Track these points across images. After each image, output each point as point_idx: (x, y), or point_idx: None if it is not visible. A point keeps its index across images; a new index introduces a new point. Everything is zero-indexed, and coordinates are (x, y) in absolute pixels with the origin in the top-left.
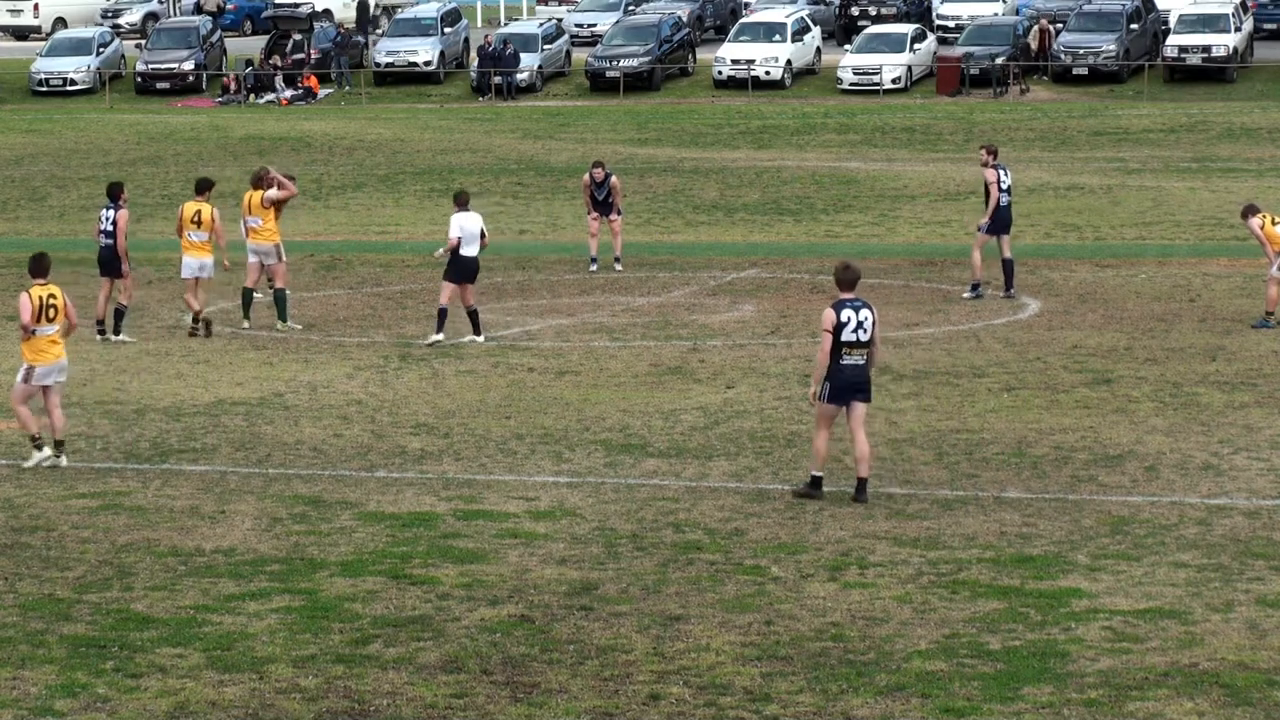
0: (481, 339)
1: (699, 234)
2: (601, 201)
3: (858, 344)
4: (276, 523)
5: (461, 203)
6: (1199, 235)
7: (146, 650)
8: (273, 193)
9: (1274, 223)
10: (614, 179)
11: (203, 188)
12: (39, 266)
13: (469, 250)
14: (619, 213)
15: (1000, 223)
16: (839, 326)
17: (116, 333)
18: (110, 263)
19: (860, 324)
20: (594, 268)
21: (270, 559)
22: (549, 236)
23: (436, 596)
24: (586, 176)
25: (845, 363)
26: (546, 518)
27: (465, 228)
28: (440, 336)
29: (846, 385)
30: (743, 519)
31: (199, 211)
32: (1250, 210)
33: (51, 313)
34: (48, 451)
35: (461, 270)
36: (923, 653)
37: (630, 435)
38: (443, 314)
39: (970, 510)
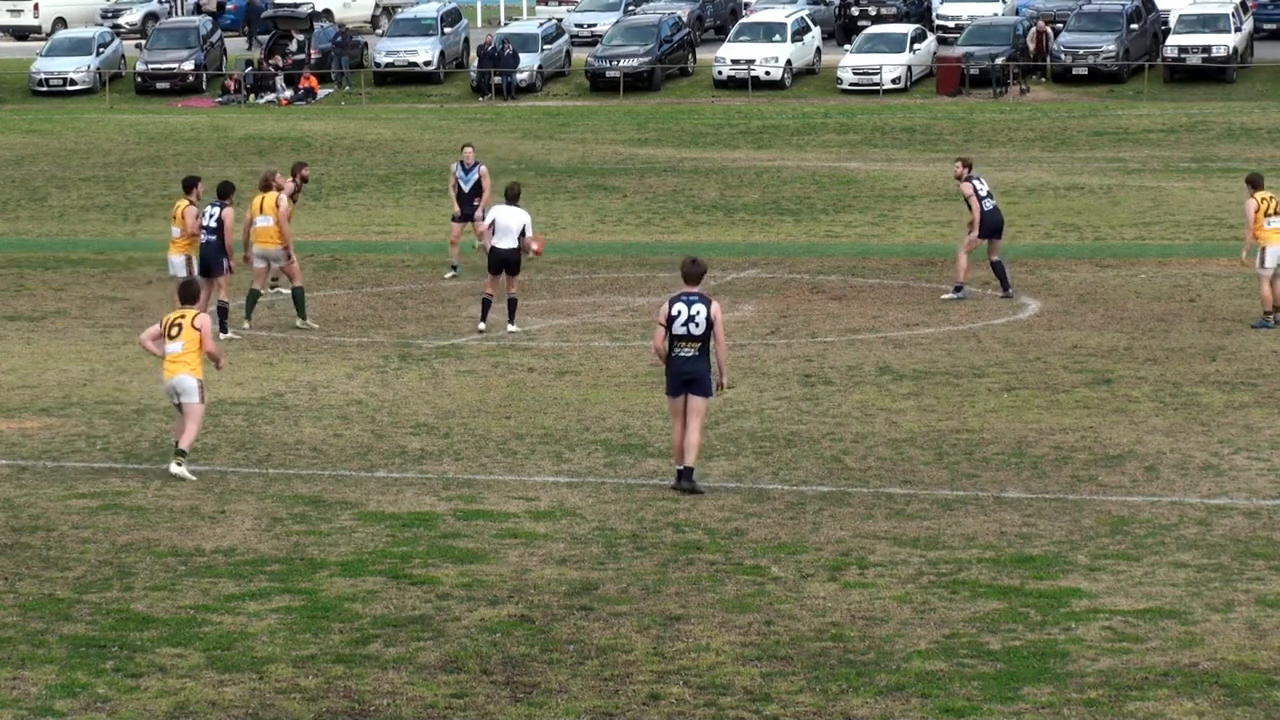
0: (513, 328)
1: (699, 234)
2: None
3: (689, 337)
4: (276, 523)
5: (509, 196)
6: (1199, 235)
7: (146, 650)
8: (284, 200)
9: (1267, 212)
10: (482, 168)
11: (189, 186)
12: (187, 293)
13: (501, 243)
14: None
15: (990, 228)
16: (671, 319)
17: (223, 330)
18: (211, 260)
19: (692, 318)
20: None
21: (270, 559)
22: (549, 236)
23: (436, 596)
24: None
25: (676, 355)
26: (546, 518)
27: (499, 220)
28: (482, 325)
29: (676, 377)
30: (743, 519)
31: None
32: (1253, 183)
33: (175, 330)
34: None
35: (492, 261)
36: (923, 653)
37: (630, 435)
38: (484, 302)
39: (970, 510)
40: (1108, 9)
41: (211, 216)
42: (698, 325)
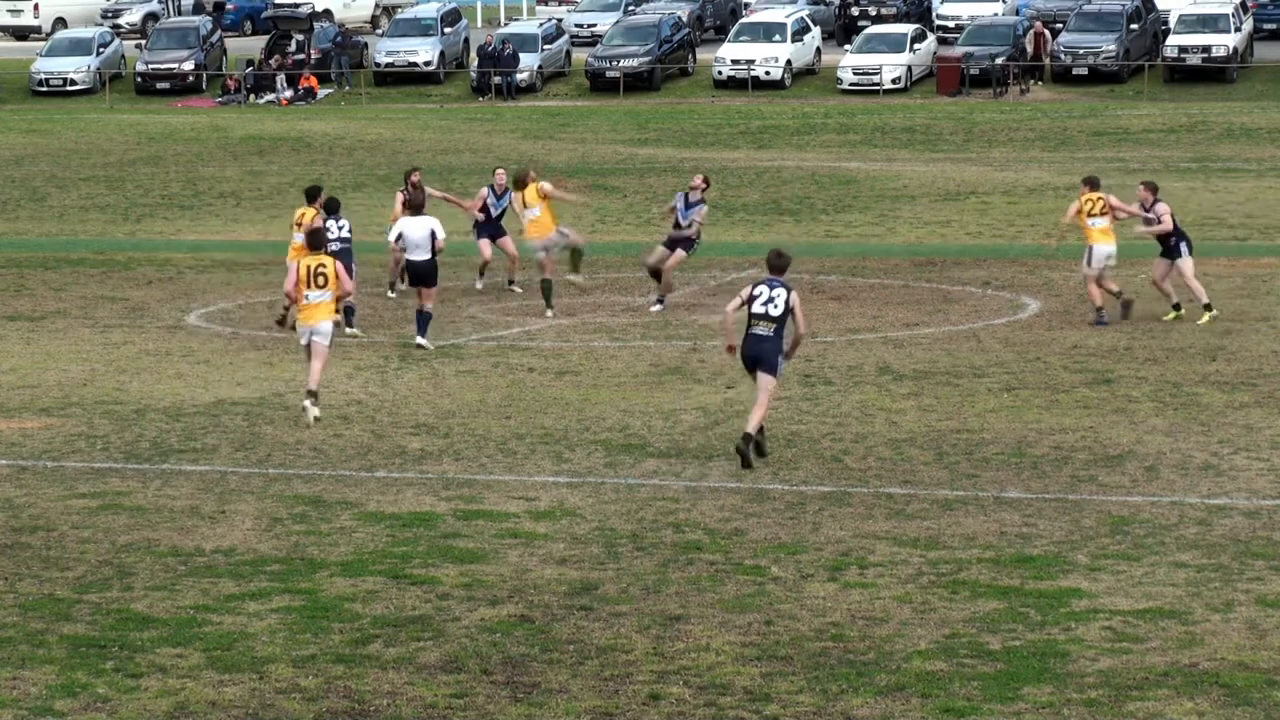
0: (422, 341)
1: None
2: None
3: (766, 317)
4: (276, 523)
5: (414, 207)
6: (1199, 235)
7: (146, 650)
8: (546, 186)
9: (1091, 213)
10: (514, 194)
11: (314, 195)
12: (315, 240)
13: (415, 255)
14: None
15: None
16: (752, 298)
17: (349, 325)
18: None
19: (772, 299)
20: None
21: (270, 559)
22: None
23: (436, 596)
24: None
25: (751, 332)
26: (546, 518)
27: (408, 234)
28: (420, 340)
29: (748, 354)
30: (743, 519)
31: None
32: (1089, 183)
33: (320, 280)
34: (315, 410)
35: (411, 275)
36: (923, 653)
37: (630, 435)
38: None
39: (970, 510)
40: (1108, 9)
41: (341, 227)
42: (776, 307)
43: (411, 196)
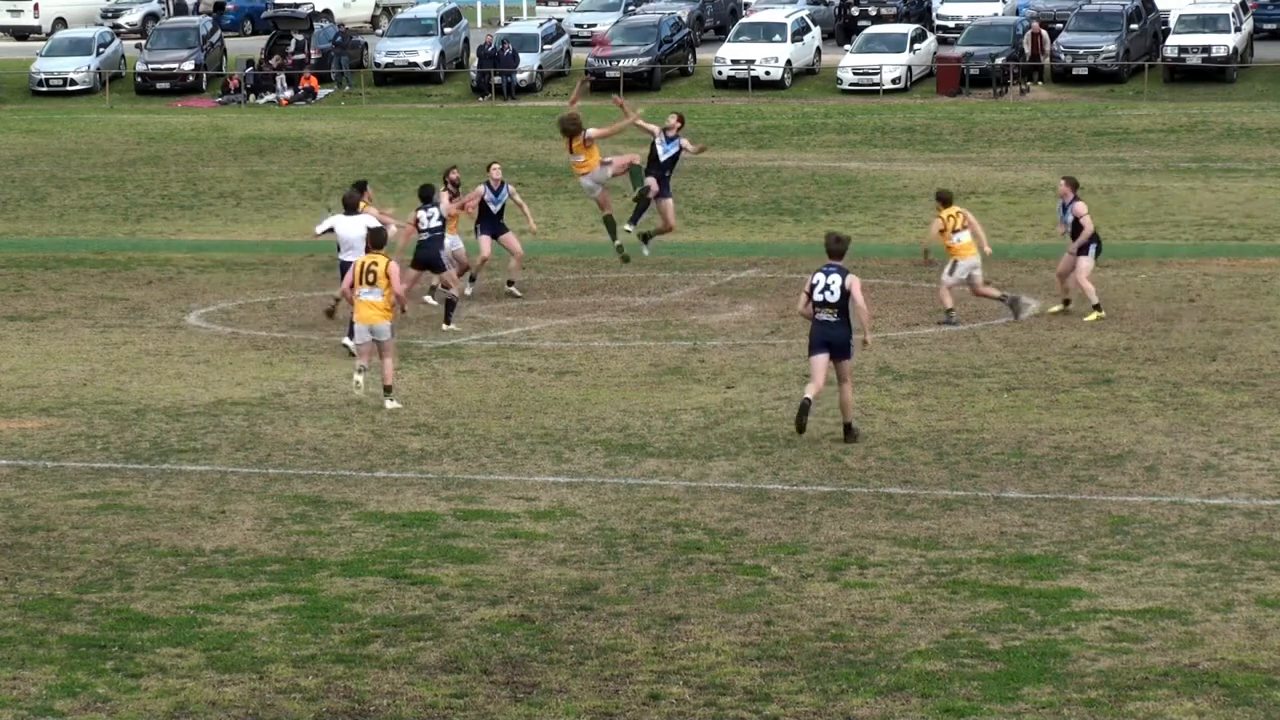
0: (349, 343)
1: (699, 234)
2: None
3: (826, 304)
4: (276, 523)
5: (348, 206)
6: (1199, 235)
7: (146, 650)
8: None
9: (954, 229)
10: (511, 188)
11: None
12: (375, 239)
13: (349, 256)
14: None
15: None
16: (812, 287)
17: (448, 322)
18: (433, 257)
19: (828, 286)
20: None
21: (270, 559)
22: (549, 236)
23: (436, 596)
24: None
25: (818, 319)
26: (546, 518)
27: (342, 234)
28: (347, 340)
29: (818, 339)
30: (743, 519)
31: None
32: (942, 199)
33: (370, 278)
34: (361, 384)
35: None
36: (923, 653)
37: (630, 435)
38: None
39: (970, 510)
40: (1108, 9)
41: (431, 217)
42: (833, 294)
43: (347, 196)
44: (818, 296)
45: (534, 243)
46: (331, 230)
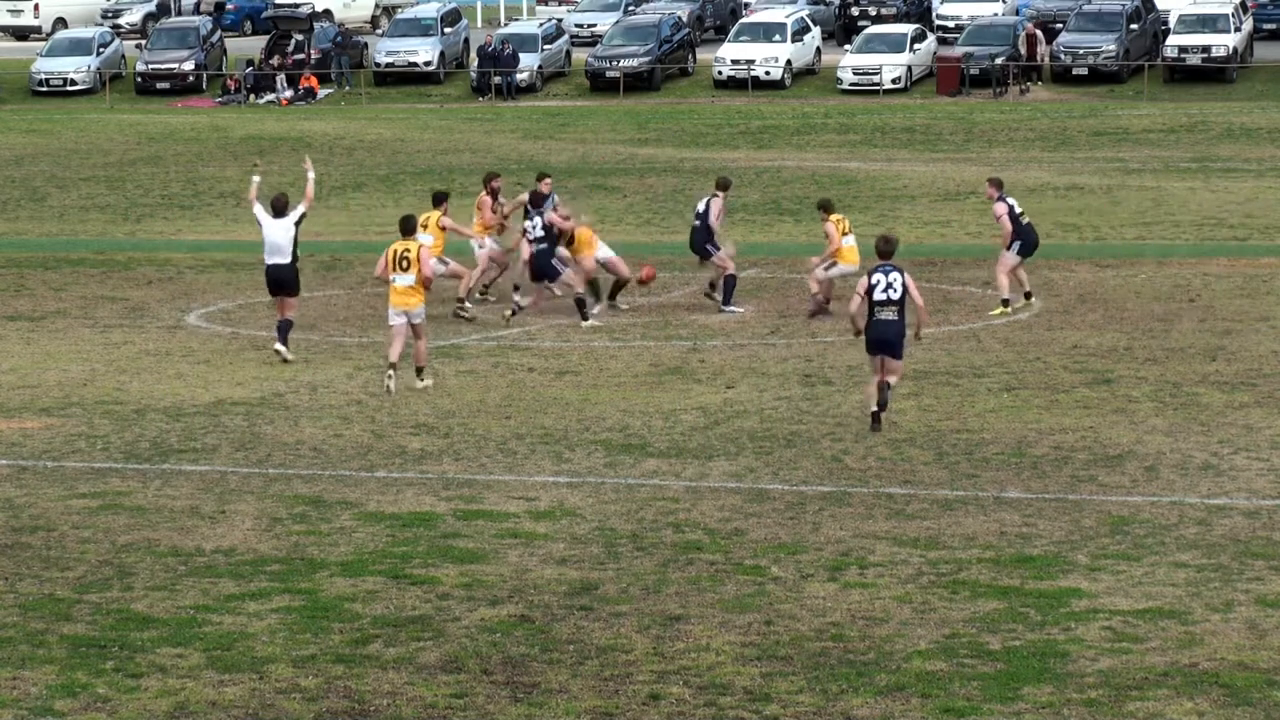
0: (280, 349)
1: None
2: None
3: (889, 302)
4: (276, 523)
5: (276, 208)
6: (1199, 235)
7: (146, 650)
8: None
9: (844, 232)
10: (556, 198)
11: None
12: (406, 225)
13: (273, 259)
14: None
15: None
16: (870, 288)
17: (585, 319)
18: (546, 267)
19: (890, 285)
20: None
21: (270, 559)
22: None
23: (436, 596)
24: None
25: (877, 319)
26: (546, 518)
27: (269, 236)
28: (279, 346)
29: (876, 339)
30: (743, 519)
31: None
32: (824, 207)
33: (404, 264)
34: (393, 382)
35: (268, 281)
36: (923, 653)
37: (630, 435)
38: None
39: (970, 510)
40: (1108, 9)
41: (535, 227)
42: (895, 291)
43: (274, 199)
44: (879, 296)
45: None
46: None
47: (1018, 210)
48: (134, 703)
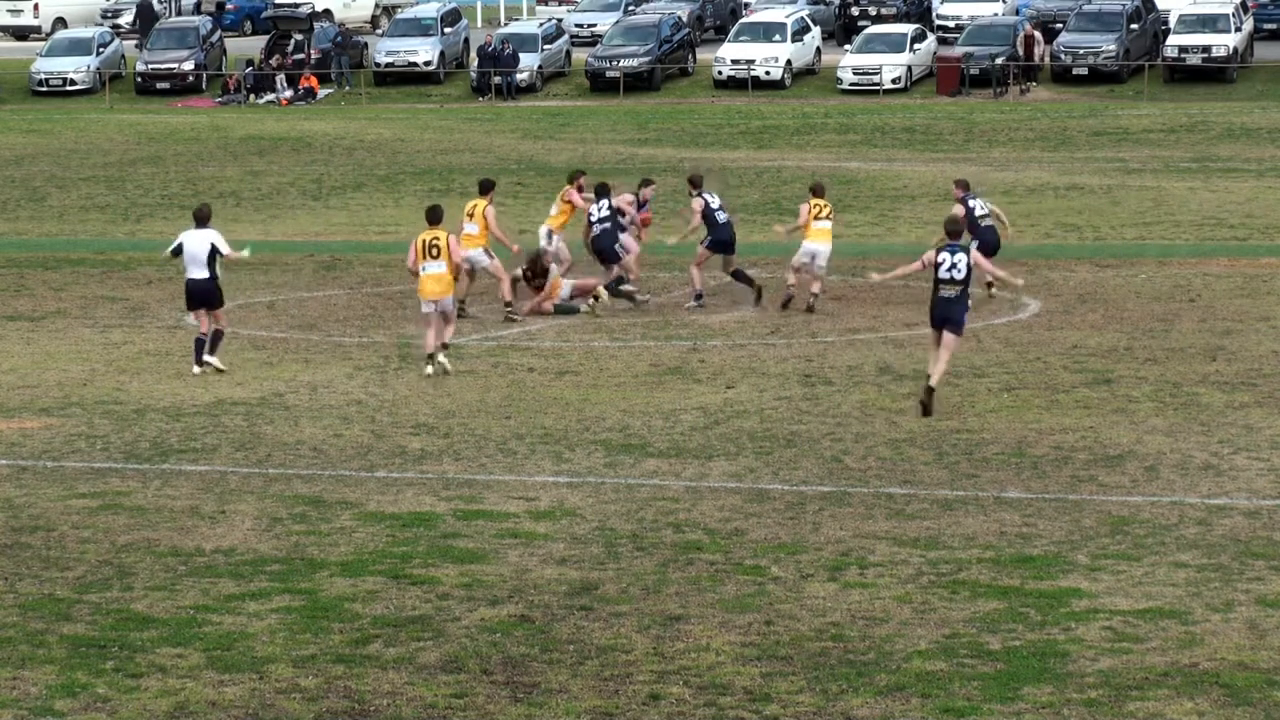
0: (211, 359)
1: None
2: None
3: (952, 281)
4: (276, 523)
5: (198, 219)
6: (1199, 235)
7: (146, 650)
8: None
9: (817, 216)
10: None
11: (485, 189)
12: (433, 215)
13: (192, 272)
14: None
15: (720, 244)
16: (936, 265)
17: (632, 299)
18: (608, 250)
19: (954, 265)
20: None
21: (270, 559)
22: None
23: (436, 596)
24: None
25: (939, 296)
26: (546, 518)
27: (187, 247)
28: (196, 369)
29: (938, 314)
30: (743, 519)
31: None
32: (814, 190)
33: (434, 252)
34: (433, 368)
35: (188, 295)
36: (923, 653)
37: (630, 435)
38: (198, 343)
39: (970, 510)
40: (1108, 9)
41: (602, 209)
42: (959, 271)
43: (197, 209)
44: (944, 274)
45: (534, 243)
46: (179, 254)
47: (979, 212)
48: (134, 703)
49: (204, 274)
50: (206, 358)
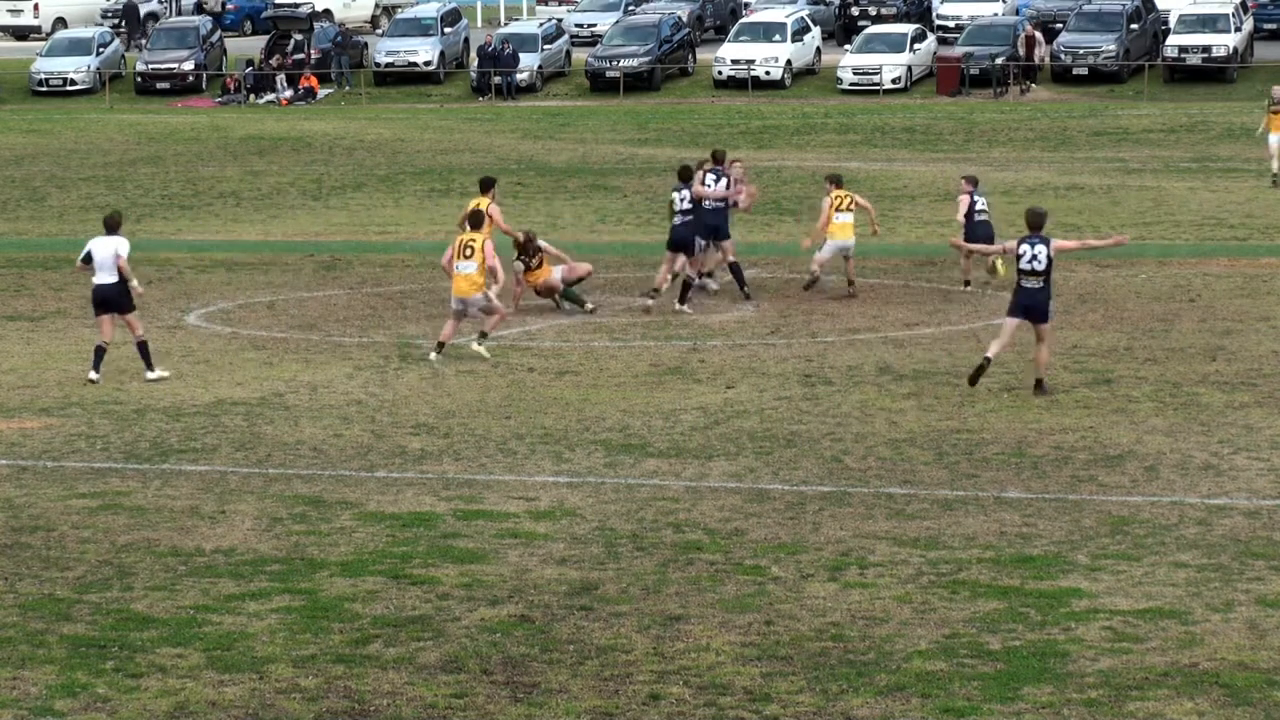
0: (153, 375)
1: None
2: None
3: (1034, 272)
4: (276, 523)
5: (108, 226)
6: (1199, 235)
7: (146, 650)
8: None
9: (839, 208)
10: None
11: (486, 187)
12: (474, 220)
13: (100, 278)
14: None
15: (674, 243)
16: (1019, 257)
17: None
18: (687, 240)
19: (1035, 256)
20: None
21: (270, 559)
22: (549, 237)
23: (436, 596)
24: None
25: (1022, 285)
26: (546, 518)
27: (96, 254)
28: (93, 375)
29: (1021, 304)
30: (743, 519)
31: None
32: (834, 180)
33: (468, 252)
34: (438, 356)
35: (95, 301)
36: (923, 653)
37: (630, 435)
38: (98, 350)
39: (970, 510)
40: (1108, 9)
41: (683, 200)
42: (1039, 263)
43: (107, 216)
44: (1025, 265)
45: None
46: (89, 261)
47: (979, 207)
48: (134, 703)
49: (112, 279)
50: (148, 375)
